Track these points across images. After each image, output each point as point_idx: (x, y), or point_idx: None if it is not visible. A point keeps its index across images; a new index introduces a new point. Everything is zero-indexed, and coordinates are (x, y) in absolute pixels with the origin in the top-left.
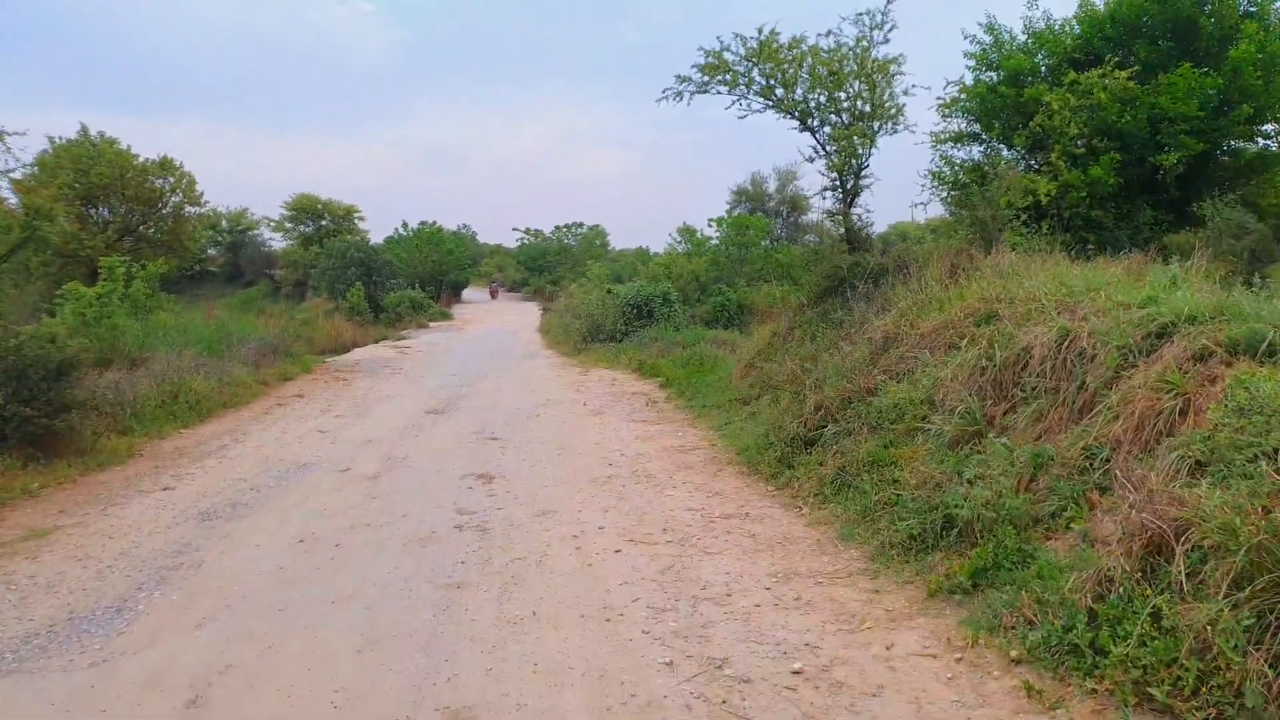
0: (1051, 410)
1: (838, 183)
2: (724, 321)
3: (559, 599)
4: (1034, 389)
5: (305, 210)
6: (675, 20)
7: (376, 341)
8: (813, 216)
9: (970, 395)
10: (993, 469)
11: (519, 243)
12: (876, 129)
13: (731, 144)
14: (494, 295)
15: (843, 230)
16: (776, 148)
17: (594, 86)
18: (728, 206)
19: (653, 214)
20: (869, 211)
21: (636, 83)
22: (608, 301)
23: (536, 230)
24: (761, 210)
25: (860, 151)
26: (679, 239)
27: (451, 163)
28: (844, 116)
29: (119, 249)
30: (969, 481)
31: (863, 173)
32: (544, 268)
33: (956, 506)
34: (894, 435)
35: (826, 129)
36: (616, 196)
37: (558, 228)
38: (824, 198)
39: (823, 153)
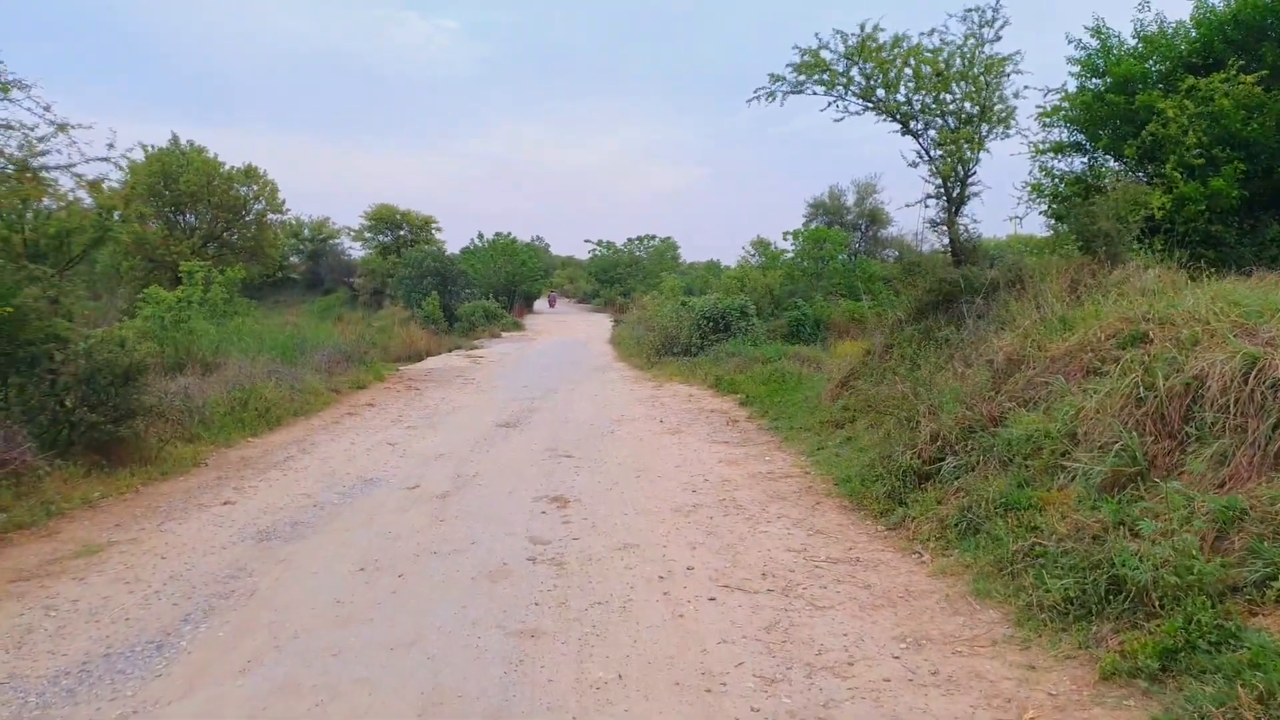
0: (1238, 452)
1: (942, 190)
2: (801, 336)
3: (648, 658)
4: (1212, 426)
5: (384, 220)
6: (752, 37)
7: (450, 351)
8: (893, 230)
9: (1125, 430)
10: (1170, 522)
11: (590, 254)
12: (985, 133)
13: (808, 160)
14: (552, 304)
15: (947, 241)
16: (854, 163)
17: (671, 101)
18: (804, 219)
19: (724, 228)
20: (975, 221)
21: (713, 98)
22: (682, 314)
23: (608, 242)
24: (839, 224)
25: (968, 156)
26: (753, 252)
27: (527, 175)
28: (950, 119)
29: (203, 255)
30: (1138, 535)
31: (969, 180)
32: (615, 279)
33: (1128, 566)
34: (1029, 473)
35: (931, 132)
36: (688, 210)
37: (629, 240)
38: (926, 205)
39: (927, 158)
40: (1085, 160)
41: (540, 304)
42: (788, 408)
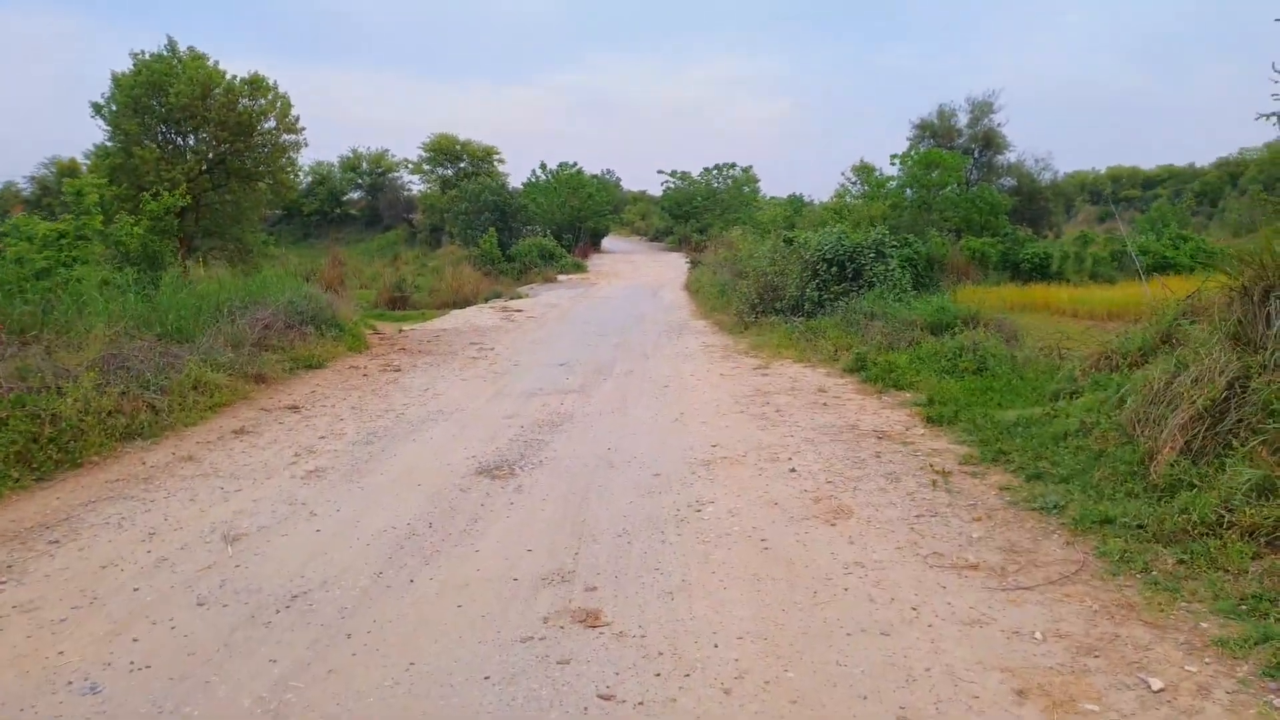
0: None
1: None
2: (910, 280)
3: None
4: None
5: (443, 151)
6: None
7: (486, 300)
8: (1010, 156)
9: None
10: None
11: (664, 187)
12: None
13: (904, 94)
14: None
15: None
16: (955, 94)
17: (762, 33)
18: (908, 142)
19: (807, 162)
20: None
21: (806, 29)
22: (787, 255)
23: (683, 173)
24: (949, 148)
25: None
26: (854, 180)
27: (611, 109)
28: None
29: (203, 182)
30: None
31: None
32: (690, 214)
33: None
34: None
35: None
36: (770, 144)
37: (705, 170)
38: None
39: None
40: None
41: (608, 242)
42: (1048, 447)
